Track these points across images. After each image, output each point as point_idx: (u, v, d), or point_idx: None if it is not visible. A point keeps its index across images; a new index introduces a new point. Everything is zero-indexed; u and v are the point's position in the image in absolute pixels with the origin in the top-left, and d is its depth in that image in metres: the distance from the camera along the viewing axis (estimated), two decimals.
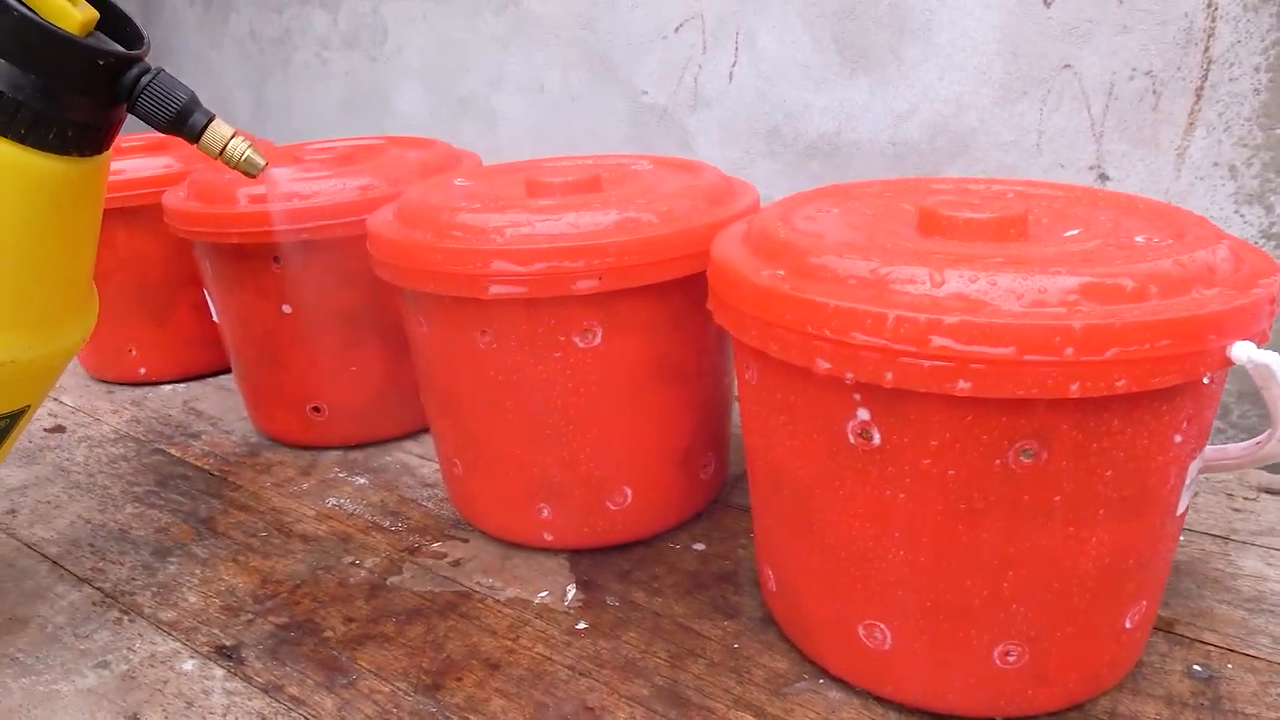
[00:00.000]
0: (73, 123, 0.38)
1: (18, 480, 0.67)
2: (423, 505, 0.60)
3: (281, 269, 0.62)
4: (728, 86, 1.08)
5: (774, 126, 1.06)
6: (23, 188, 0.37)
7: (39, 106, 0.36)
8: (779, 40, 1.02)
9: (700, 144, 1.12)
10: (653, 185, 0.53)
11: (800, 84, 1.02)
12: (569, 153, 1.23)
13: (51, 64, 0.36)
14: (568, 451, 0.50)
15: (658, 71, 1.13)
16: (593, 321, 0.47)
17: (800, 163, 1.06)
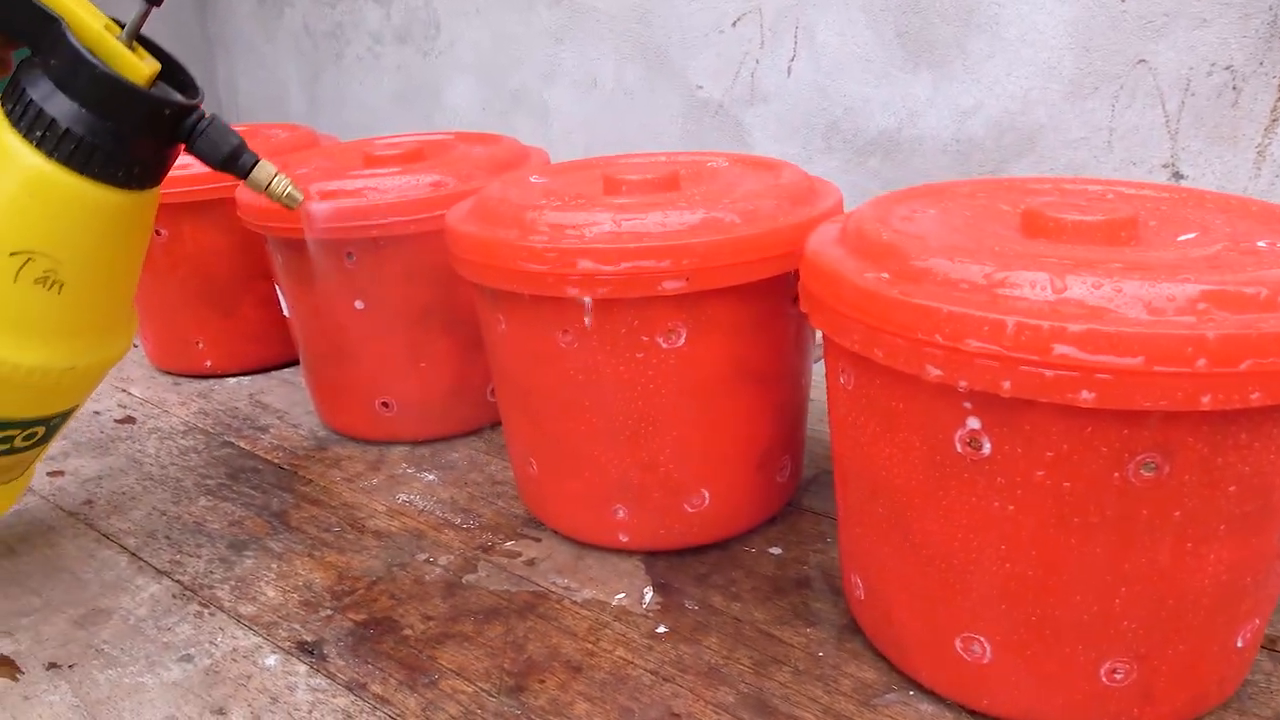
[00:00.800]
0: (137, 161, 0.43)
1: (92, 471, 0.68)
2: (493, 503, 0.60)
3: (355, 265, 0.62)
4: (785, 81, 1.06)
5: (833, 122, 1.05)
6: (94, 216, 0.43)
7: (111, 148, 0.42)
8: (839, 34, 1.00)
9: (756, 139, 1.11)
10: (733, 184, 0.52)
11: (861, 79, 1.00)
12: (622, 147, 1.22)
13: (123, 112, 0.41)
14: (647, 453, 0.50)
15: (713, 66, 1.12)
16: (677, 322, 0.47)
17: (859, 159, 1.04)
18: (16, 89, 0.42)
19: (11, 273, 0.41)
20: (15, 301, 0.42)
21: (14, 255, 0.41)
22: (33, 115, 0.41)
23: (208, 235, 0.77)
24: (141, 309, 0.82)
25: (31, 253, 0.42)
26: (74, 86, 0.41)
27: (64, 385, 0.46)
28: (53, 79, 0.41)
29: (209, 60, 1.74)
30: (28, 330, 0.43)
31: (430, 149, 0.70)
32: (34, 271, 0.42)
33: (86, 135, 0.41)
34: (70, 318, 0.44)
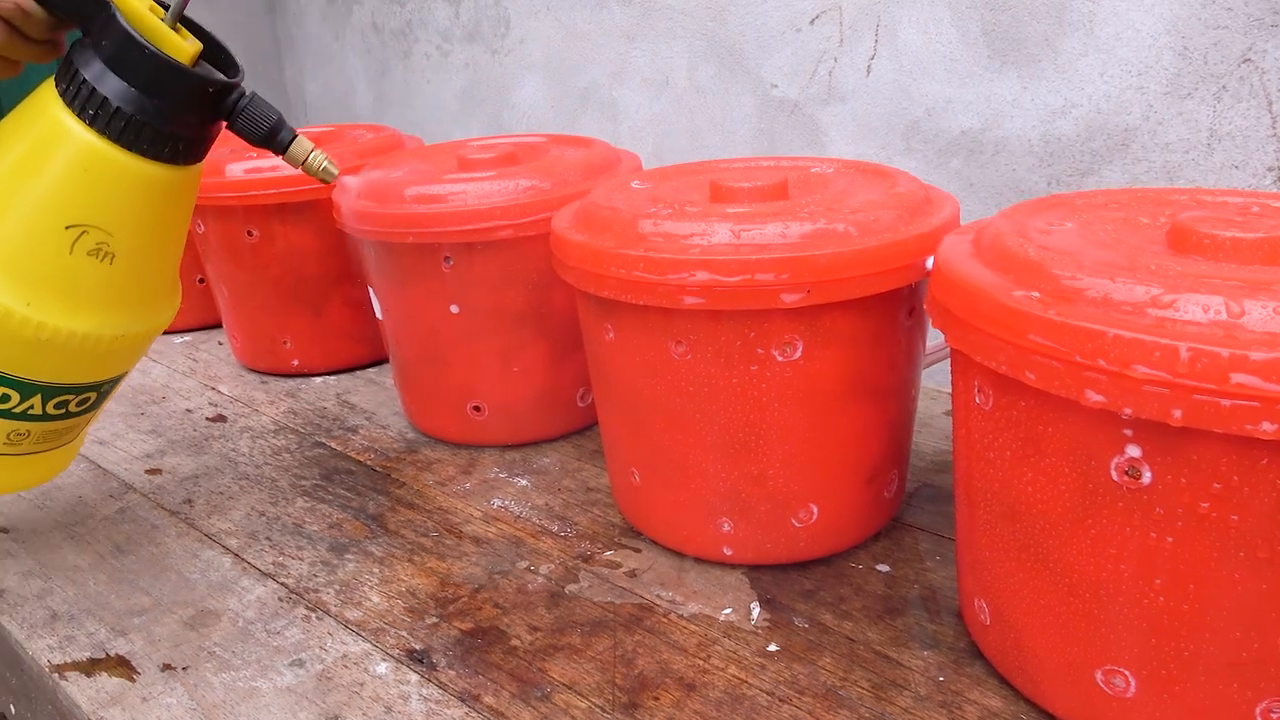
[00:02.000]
0: (183, 138, 0.45)
1: (189, 469, 0.69)
2: (588, 510, 0.60)
3: (451, 269, 0.62)
4: (864, 80, 1.05)
5: (913, 122, 1.03)
6: (144, 191, 0.45)
7: (158, 126, 0.44)
8: (923, 32, 0.98)
9: (833, 139, 1.10)
10: (846, 192, 0.51)
11: (944, 78, 0.98)
12: (693, 147, 1.21)
13: (169, 90, 0.44)
14: (757, 466, 0.49)
15: (789, 65, 1.11)
16: (794, 335, 0.46)
17: (940, 160, 1.02)
18: (70, 70, 0.44)
19: (67, 245, 0.44)
20: (70, 272, 0.44)
21: (70, 229, 0.44)
22: (86, 94, 0.43)
23: (298, 236, 0.77)
24: (231, 308, 0.83)
25: (86, 226, 0.44)
26: (124, 67, 0.43)
27: (115, 352, 0.48)
28: (104, 60, 0.43)
29: (277, 59, 1.76)
30: (82, 299, 0.45)
31: (524, 152, 0.70)
32: (88, 244, 0.44)
33: (136, 113, 0.43)
34: (121, 287, 0.47)
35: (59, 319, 0.45)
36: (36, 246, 0.44)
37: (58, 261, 0.44)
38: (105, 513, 0.63)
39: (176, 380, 0.85)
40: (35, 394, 0.47)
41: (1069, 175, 0.92)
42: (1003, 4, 0.91)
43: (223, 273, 0.81)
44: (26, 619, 0.53)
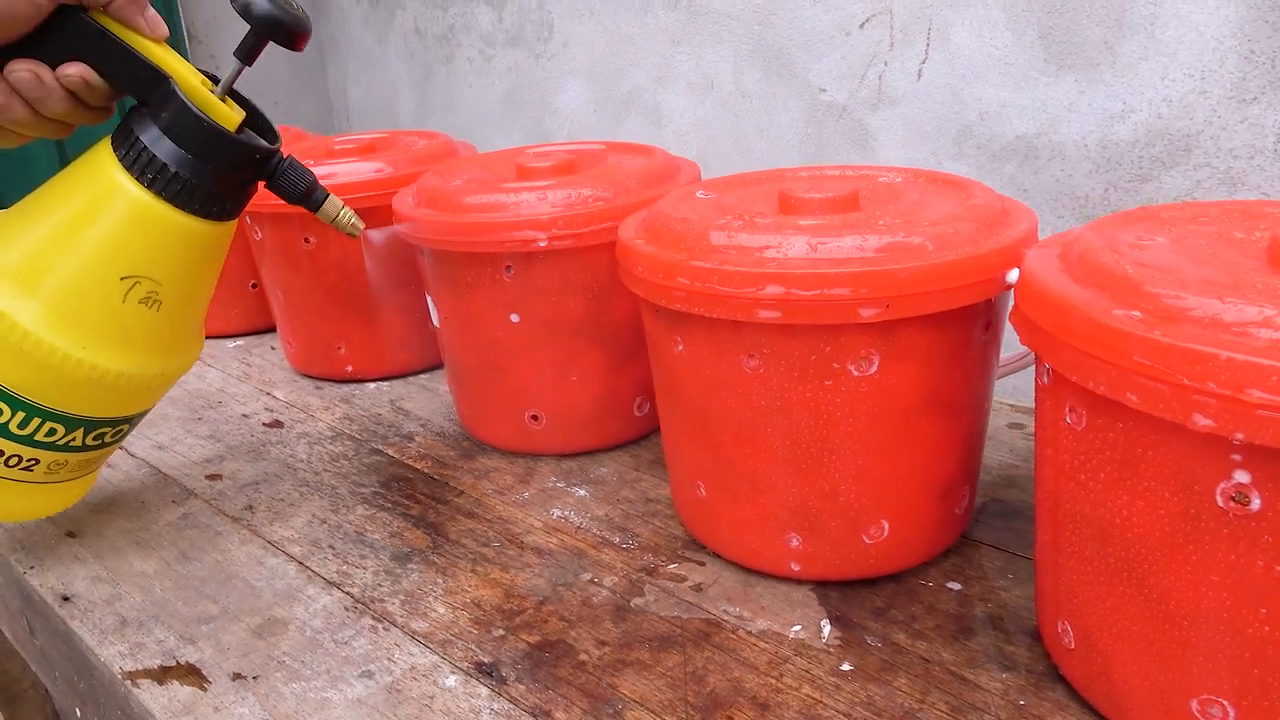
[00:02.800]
0: (227, 198, 0.50)
1: (249, 475, 0.69)
2: (649, 522, 0.60)
3: (512, 278, 0.62)
4: (915, 84, 1.03)
5: (965, 127, 1.02)
6: (190, 245, 0.50)
7: (208, 187, 0.48)
8: (977, 35, 0.97)
9: (882, 144, 1.08)
10: (920, 204, 0.50)
11: (998, 82, 0.96)
12: (738, 151, 1.21)
13: (219, 156, 0.48)
14: (829, 481, 0.48)
15: (838, 69, 1.10)
16: (871, 350, 0.45)
17: (994, 165, 1.01)
18: (129, 136, 0.48)
19: (121, 294, 0.48)
20: (122, 318, 0.49)
21: (124, 279, 0.48)
22: (145, 159, 0.47)
23: (354, 243, 0.78)
24: (287, 314, 0.84)
25: (139, 277, 0.48)
26: (180, 134, 0.47)
27: (153, 388, 0.53)
28: (161, 127, 0.47)
29: (320, 64, 1.78)
30: (131, 343, 0.50)
31: (582, 160, 0.70)
32: (139, 293, 0.49)
33: (189, 176, 0.47)
34: (164, 332, 0.51)
35: (110, 361, 0.49)
36: (93, 295, 0.48)
37: (112, 309, 0.48)
38: (169, 519, 0.64)
39: (232, 385, 0.86)
40: (79, 427, 0.51)
41: (1127, 181, 0.90)
42: (1060, 7, 0.90)
43: (279, 279, 0.81)
44: (96, 624, 0.53)
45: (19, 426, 0.49)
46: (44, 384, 0.48)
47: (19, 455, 0.51)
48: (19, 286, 0.47)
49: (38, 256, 0.48)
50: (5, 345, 0.47)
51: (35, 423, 0.49)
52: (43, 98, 0.46)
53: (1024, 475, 0.62)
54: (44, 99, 0.46)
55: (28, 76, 0.45)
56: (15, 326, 0.47)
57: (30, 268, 0.47)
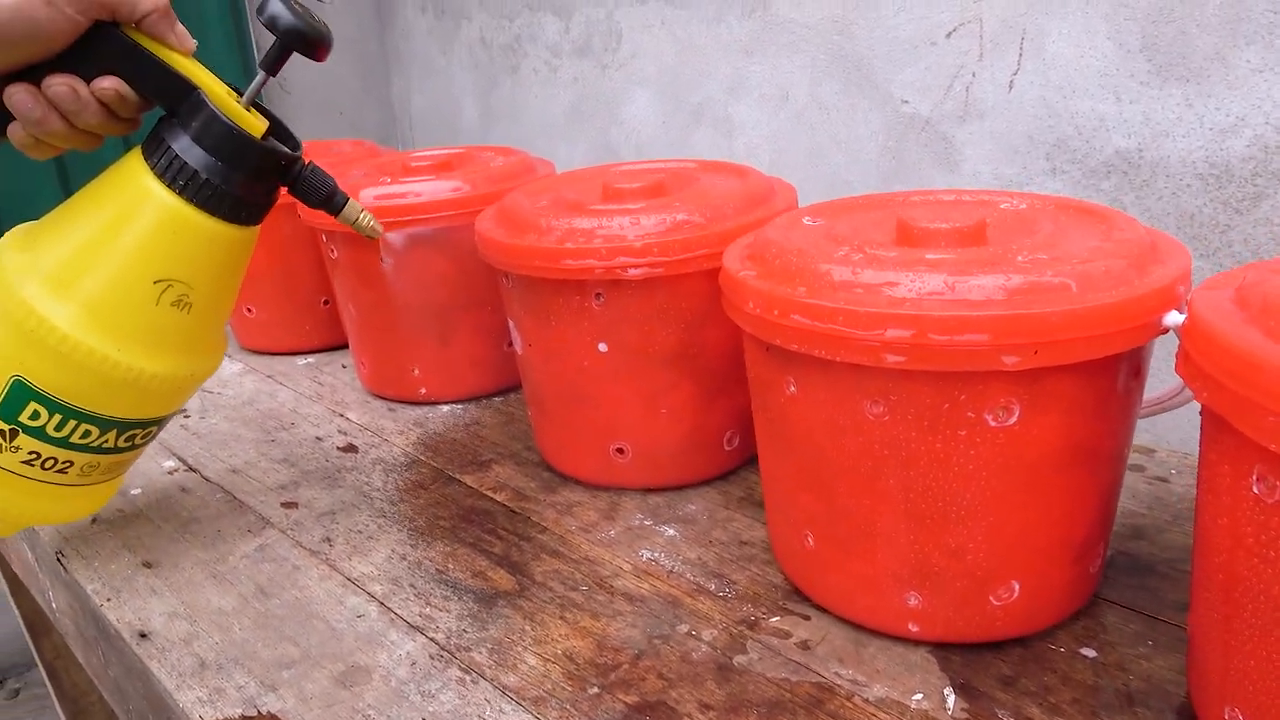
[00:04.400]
0: (254, 203, 0.51)
1: (325, 504, 0.67)
2: (745, 568, 0.56)
3: (603, 306, 0.59)
4: (1006, 96, 0.98)
5: (1060, 141, 0.96)
6: (219, 249, 0.51)
7: (236, 192, 0.50)
8: (1074, 45, 0.92)
9: (968, 158, 1.04)
10: (1057, 236, 0.46)
11: (1097, 94, 0.91)
12: (813, 164, 1.17)
13: (248, 162, 0.50)
14: (955, 538, 0.44)
15: (922, 80, 1.05)
16: (1011, 399, 0.41)
17: (1091, 182, 0.95)
18: (160, 145, 0.49)
19: (155, 297, 0.50)
20: (155, 321, 0.50)
21: (157, 283, 0.49)
22: (177, 167, 0.48)
23: (432, 263, 0.75)
24: (361, 334, 0.82)
25: (172, 280, 0.50)
26: (210, 142, 0.49)
27: (183, 390, 0.54)
28: (191, 136, 0.49)
29: (385, 73, 1.78)
30: (163, 345, 0.51)
31: (673, 181, 0.67)
32: (172, 296, 0.50)
33: (219, 182, 0.49)
34: (194, 333, 0.53)
35: (145, 362, 0.50)
36: (128, 298, 0.49)
37: (145, 311, 0.50)
38: (245, 550, 0.62)
39: (304, 405, 0.85)
40: (112, 429, 0.52)
41: (1240, 200, 0.85)
42: (1167, 15, 0.85)
43: (354, 299, 0.80)
44: (174, 666, 0.51)
45: (55, 429, 0.50)
46: (81, 386, 0.50)
47: (55, 458, 0.52)
48: (57, 292, 0.48)
49: (74, 262, 0.49)
50: (44, 349, 0.48)
51: (71, 425, 0.51)
52: (78, 110, 0.47)
53: (1150, 525, 0.57)
54: (79, 111, 0.48)
55: (65, 90, 0.47)
56: (54, 330, 0.48)
57: (67, 273, 0.49)
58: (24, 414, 0.49)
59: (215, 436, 0.79)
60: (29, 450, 0.51)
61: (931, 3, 1.01)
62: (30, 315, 0.48)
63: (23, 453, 0.51)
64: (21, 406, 0.49)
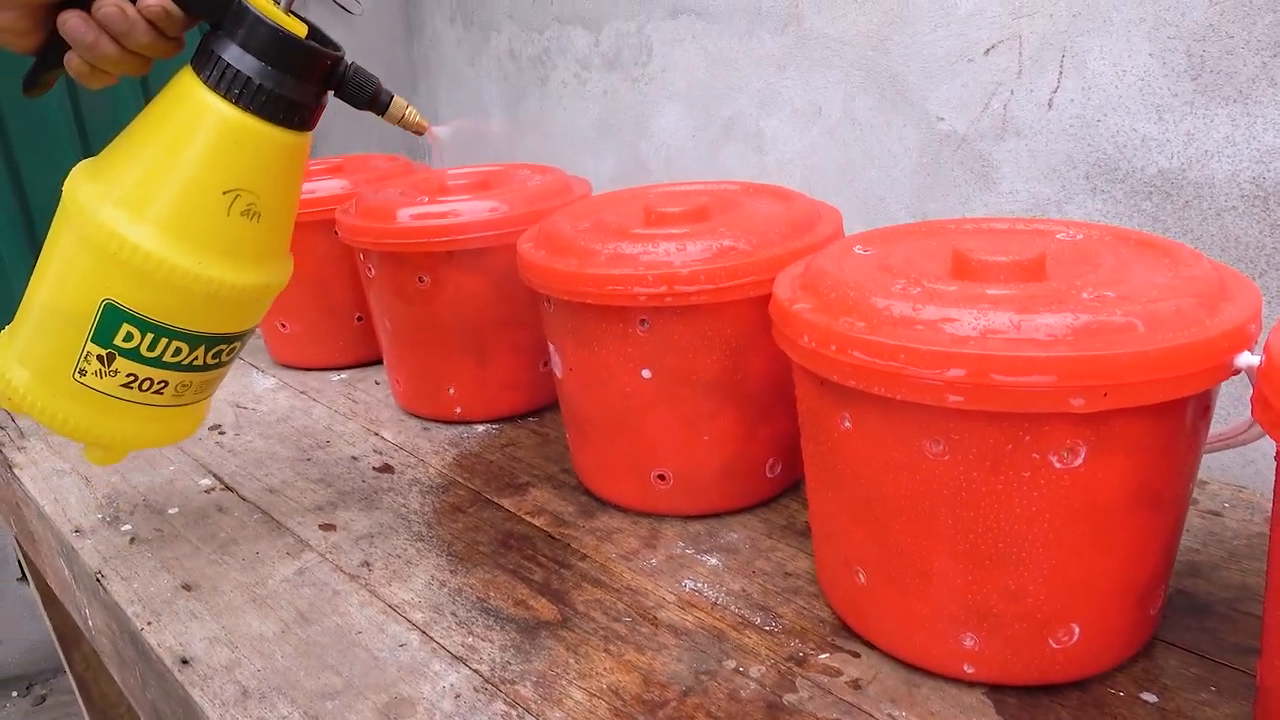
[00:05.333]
0: (306, 106, 0.53)
1: (363, 527, 0.67)
2: (791, 600, 0.55)
3: (647, 332, 0.58)
4: (1045, 114, 0.97)
5: (1100, 160, 0.95)
6: (279, 155, 0.52)
7: (289, 97, 0.51)
8: (1116, 64, 0.90)
9: (1004, 176, 1.02)
10: (1120, 271, 0.45)
11: (1139, 113, 0.90)
12: (845, 179, 1.16)
13: (298, 65, 0.51)
14: (1015, 580, 0.43)
15: (959, 97, 1.04)
16: (1078, 440, 0.40)
17: (1132, 202, 0.94)
18: (210, 57, 0.50)
19: (225, 208, 0.51)
20: (228, 232, 0.52)
21: (226, 194, 0.51)
22: (230, 75, 0.50)
23: (470, 283, 0.75)
24: (397, 352, 0.82)
25: (239, 190, 0.51)
26: (259, 48, 0.50)
27: (262, 301, 0.56)
28: (239, 44, 0.50)
29: (412, 82, 1.78)
30: (239, 255, 0.53)
31: (716, 204, 0.66)
32: (241, 205, 0.51)
33: (273, 86, 0.50)
34: (265, 243, 0.54)
35: (224, 273, 0.52)
36: (200, 212, 0.51)
37: (218, 223, 0.51)
38: (284, 573, 0.62)
39: (339, 423, 0.84)
40: (200, 344, 0.54)
41: None
42: (1213, 33, 0.83)
43: (391, 317, 0.79)
44: (217, 695, 0.51)
45: (148, 349, 0.53)
46: (168, 304, 0.52)
47: (151, 378, 0.54)
48: (134, 214, 0.50)
49: (145, 184, 0.51)
50: (130, 270, 0.50)
51: (163, 343, 0.53)
52: (128, 30, 0.49)
53: (1206, 562, 0.56)
54: (129, 31, 0.49)
55: (115, 11, 0.48)
56: (137, 249, 0.50)
57: (141, 196, 0.50)
58: (118, 337, 0.52)
59: (251, 454, 0.79)
60: (127, 373, 0.53)
61: (969, 20, 1.00)
62: (112, 239, 0.50)
63: (121, 375, 0.53)
64: (116, 330, 0.52)
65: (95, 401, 0.54)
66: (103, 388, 0.53)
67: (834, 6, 1.11)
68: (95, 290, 0.51)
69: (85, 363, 0.53)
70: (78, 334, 0.52)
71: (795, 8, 1.16)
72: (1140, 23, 0.88)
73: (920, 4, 1.03)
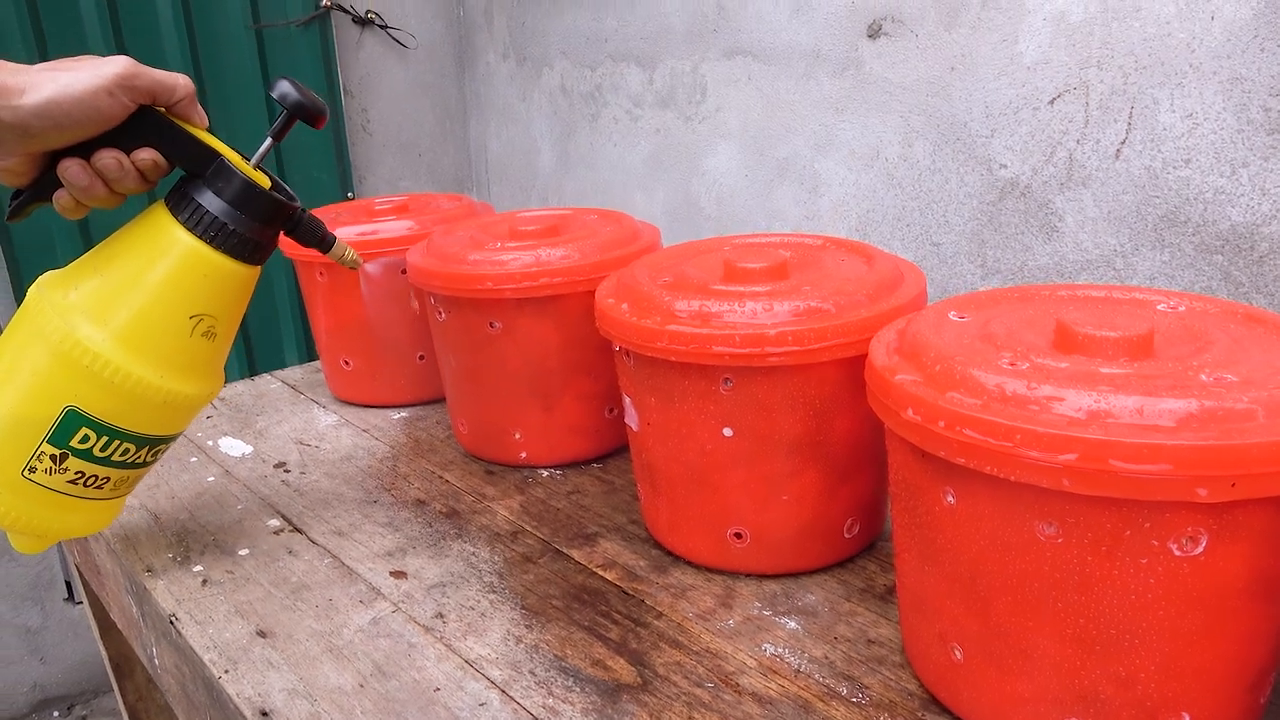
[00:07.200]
0: (262, 245, 0.60)
1: (433, 575, 0.67)
2: (876, 670, 0.54)
3: (730, 391, 0.58)
4: (1112, 165, 0.96)
5: (1169, 213, 0.94)
6: (236, 285, 0.60)
7: (252, 238, 0.59)
8: (1187, 116, 0.90)
9: (1068, 226, 1.01)
10: (1237, 353, 0.44)
11: (1210, 165, 0.89)
12: (901, 224, 1.15)
13: (262, 212, 0.59)
14: (1125, 667, 0.42)
15: (1022, 145, 1.03)
16: (1199, 529, 0.39)
17: (1202, 256, 0.93)
18: (187, 200, 0.58)
19: (190, 330, 0.58)
20: (189, 349, 0.59)
21: (192, 318, 0.58)
22: (208, 220, 0.57)
23: (540, 329, 0.75)
24: (463, 396, 0.82)
25: (203, 314, 0.59)
26: (233, 197, 0.58)
27: (201, 406, 0.62)
28: (214, 192, 0.58)
29: (463, 116, 1.80)
30: (195, 369, 0.60)
31: (798, 260, 0.66)
32: (203, 328, 0.59)
33: (240, 230, 0.58)
34: (215, 359, 0.62)
35: (181, 385, 0.59)
36: (169, 332, 0.58)
37: (182, 342, 0.58)
38: (359, 623, 0.61)
39: (403, 464, 0.85)
40: (145, 445, 0.61)
41: None
42: None
43: (459, 361, 0.80)
44: None
45: (101, 450, 0.58)
46: (127, 410, 0.58)
47: (96, 475, 0.60)
48: (108, 332, 0.56)
49: (119, 305, 0.57)
50: (99, 381, 0.56)
51: (115, 445, 0.59)
52: (121, 178, 0.56)
53: None
54: (121, 179, 0.56)
55: (113, 163, 0.55)
56: (109, 363, 0.56)
57: (114, 315, 0.56)
58: (74, 439, 0.57)
59: (317, 494, 0.80)
60: (75, 470, 0.59)
61: (1034, 68, 0.99)
62: (86, 353, 0.56)
63: (70, 473, 0.58)
64: (74, 432, 0.57)
65: (37, 496, 0.58)
66: (49, 483, 0.58)
67: (895, 52, 1.11)
68: (60, 396, 0.56)
69: (37, 460, 0.57)
70: (34, 434, 0.57)
71: (855, 52, 1.16)
72: (1213, 76, 0.87)
73: (983, 52, 1.03)
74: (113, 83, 0.52)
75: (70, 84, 0.51)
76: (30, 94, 0.50)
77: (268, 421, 0.96)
